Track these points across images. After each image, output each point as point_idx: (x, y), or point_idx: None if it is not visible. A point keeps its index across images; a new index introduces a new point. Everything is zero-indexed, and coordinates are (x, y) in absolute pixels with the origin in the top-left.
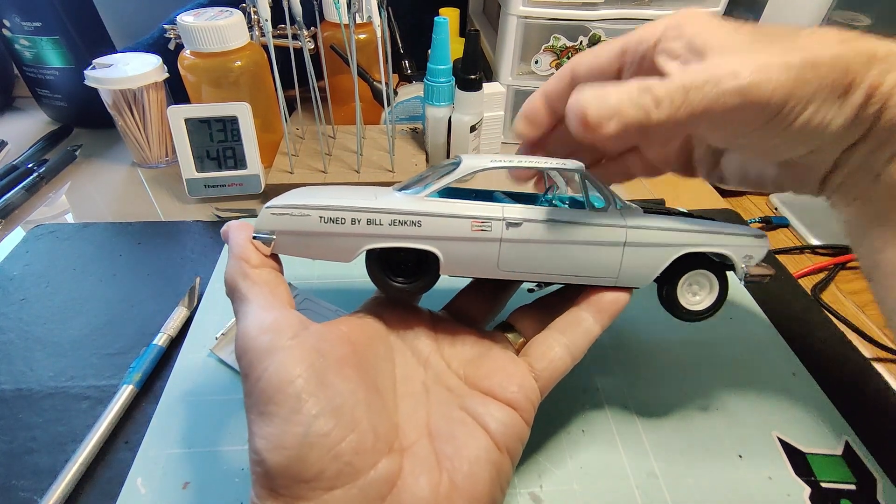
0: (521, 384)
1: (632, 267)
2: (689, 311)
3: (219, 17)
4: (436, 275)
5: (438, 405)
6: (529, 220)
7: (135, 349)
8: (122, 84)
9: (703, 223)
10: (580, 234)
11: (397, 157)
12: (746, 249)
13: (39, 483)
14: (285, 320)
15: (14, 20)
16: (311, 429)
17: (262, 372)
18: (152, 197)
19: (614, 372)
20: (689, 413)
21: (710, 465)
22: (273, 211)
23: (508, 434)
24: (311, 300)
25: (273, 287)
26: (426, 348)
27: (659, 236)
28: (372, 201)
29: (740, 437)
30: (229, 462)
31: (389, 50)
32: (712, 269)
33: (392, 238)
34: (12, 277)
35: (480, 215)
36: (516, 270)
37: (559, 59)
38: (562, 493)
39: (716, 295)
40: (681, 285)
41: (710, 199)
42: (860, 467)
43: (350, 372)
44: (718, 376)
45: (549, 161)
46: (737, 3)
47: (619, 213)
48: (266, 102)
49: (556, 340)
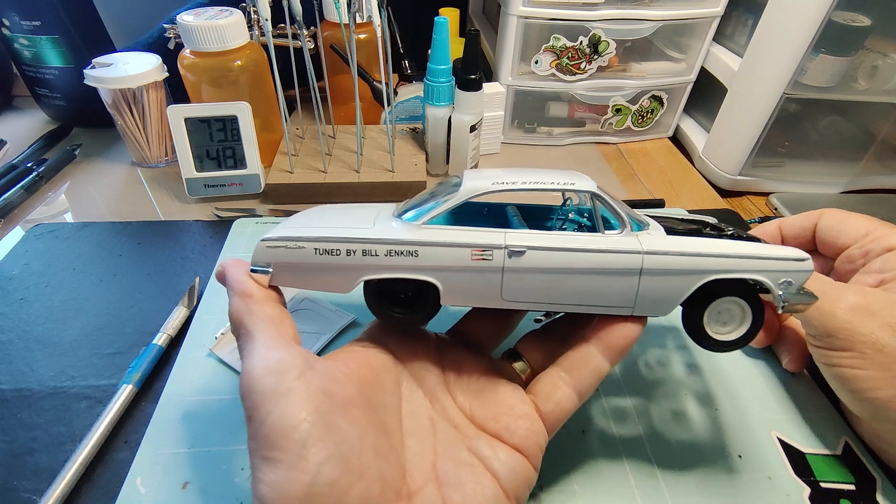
0: (529, 428)
1: (650, 296)
2: (717, 341)
3: (219, 16)
4: (436, 305)
5: (445, 445)
6: (534, 247)
7: (134, 349)
8: (122, 83)
9: (733, 245)
10: (590, 262)
11: (397, 157)
12: (784, 274)
13: (39, 483)
14: (291, 360)
15: (13, 19)
16: (317, 477)
17: (267, 415)
18: (152, 197)
19: (615, 372)
20: (689, 413)
21: (710, 465)
22: (268, 244)
23: (517, 481)
24: (311, 300)
25: (278, 323)
26: (433, 379)
27: (680, 262)
28: (368, 230)
29: (740, 437)
30: (229, 462)
31: (389, 50)
32: (745, 296)
33: (389, 269)
34: (11, 277)
35: (480, 243)
36: (522, 300)
37: (559, 59)
38: (562, 493)
39: (749, 324)
40: (708, 313)
41: (709, 199)
42: (859, 467)
43: (357, 413)
44: (718, 376)
45: (556, 180)
46: (737, 4)
47: (636, 236)
48: (266, 102)
49: (564, 380)
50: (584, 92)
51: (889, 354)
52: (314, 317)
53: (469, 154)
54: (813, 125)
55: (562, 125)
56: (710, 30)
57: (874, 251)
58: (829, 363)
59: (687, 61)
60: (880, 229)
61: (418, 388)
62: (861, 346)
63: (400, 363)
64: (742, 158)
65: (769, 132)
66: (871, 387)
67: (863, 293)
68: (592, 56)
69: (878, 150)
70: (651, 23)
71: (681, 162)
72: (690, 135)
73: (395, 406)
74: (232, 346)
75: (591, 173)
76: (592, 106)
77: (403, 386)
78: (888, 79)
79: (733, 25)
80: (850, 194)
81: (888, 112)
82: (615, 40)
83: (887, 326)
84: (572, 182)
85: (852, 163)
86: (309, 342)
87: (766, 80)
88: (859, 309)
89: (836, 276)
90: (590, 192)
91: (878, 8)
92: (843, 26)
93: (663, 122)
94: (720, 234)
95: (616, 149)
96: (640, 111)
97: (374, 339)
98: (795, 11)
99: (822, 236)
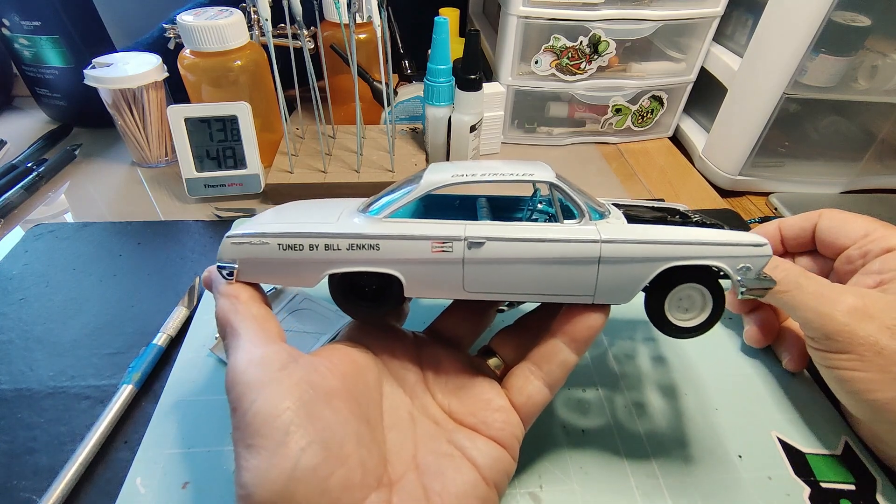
0: (505, 420)
1: (609, 284)
2: (678, 328)
3: (219, 16)
4: (400, 297)
5: (425, 438)
6: (493, 237)
7: (134, 349)
8: (122, 83)
9: (691, 231)
10: (548, 252)
11: (397, 157)
12: (743, 260)
13: (39, 483)
14: (275, 354)
15: (13, 19)
16: (298, 463)
17: (250, 404)
18: (152, 196)
19: (614, 372)
20: (689, 413)
21: (710, 465)
22: (233, 240)
23: (496, 469)
24: (310, 299)
25: (262, 322)
26: (412, 378)
27: (637, 250)
28: (331, 225)
29: (740, 437)
30: (229, 462)
31: (389, 50)
32: (705, 282)
33: (352, 263)
34: (11, 277)
35: (440, 235)
36: (484, 291)
37: (559, 59)
38: (562, 493)
39: (709, 310)
40: (669, 300)
41: (709, 199)
42: (859, 467)
43: (340, 404)
44: (718, 376)
45: (516, 171)
46: (737, 4)
47: (595, 224)
48: (266, 102)
49: (534, 374)
50: (584, 92)
51: (888, 356)
52: (314, 317)
53: (469, 154)
54: (813, 125)
55: (562, 125)
56: (710, 30)
57: (873, 252)
58: (827, 365)
59: (687, 61)
60: (879, 230)
61: (398, 386)
62: (860, 349)
63: (380, 362)
64: (742, 158)
65: (769, 132)
66: (869, 388)
67: (861, 295)
68: (592, 56)
69: (878, 150)
70: (651, 23)
71: (681, 162)
72: (690, 135)
73: (377, 400)
74: None
75: (591, 173)
76: (592, 106)
77: (384, 382)
78: (888, 79)
79: (733, 25)
80: (850, 194)
81: (888, 112)
82: (615, 40)
83: (885, 328)
84: (531, 172)
85: (852, 163)
86: (309, 342)
87: (766, 80)
88: (857, 311)
89: (835, 276)
90: (548, 181)
91: (878, 8)
92: (843, 26)
93: (663, 122)
94: (685, 222)
95: (616, 149)
96: (640, 111)
97: (353, 339)
98: (795, 11)
99: (822, 237)
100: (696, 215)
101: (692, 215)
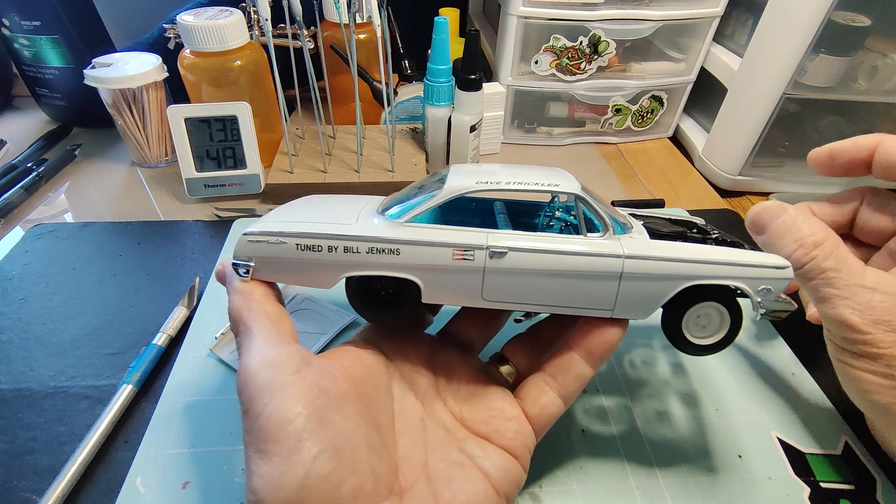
0: (518, 430)
1: (629, 299)
2: (694, 345)
3: (219, 16)
4: (417, 302)
5: (436, 445)
6: (515, 248)
7: (134, 349)
8: (122, 83)
9: (714, 251)
10: (571, 265)
11: (397, 157)
12: (764, 282)
13: (39, 483)
14: (288, 356)
15: (13, 19)
16: (311, 470)
17: (263, 408)
18: (152, 196)
19: (614, 372)
20: (689, 413)
21: (710, 465)
22: (250, 238)
23: (507, 479)
24: (311, 300)
25: (276, 321)
26: (424, 382)
27: (660, 267)
28: (351, 227)
29: (740, 437)
30: (229, 462)
31: (389, 50)
32: (724, 301)
33: (370, 266)
34: (11, 277)
35: (462, 243)
36: (502, 300)
37: (559, 59)
38: (562, 493)
39: (727, 329)
40: (687, 317)
41: (709, 199)
42: (859, 467)
43: (351, 409)
44: (718, 376)
45: (541, 180)
46: (737, 4)
47: (618, 239)
48: (266, 102)
49: (549, 385)
50: (584, 92)
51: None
52: (314, 317)
53: (469, 154)
54: (813, 125)
55: (562, 125)
56: (710, 30)
57: None
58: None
59: (687, 61)
60: None
61: (410, 390)
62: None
63: (392, 365)
64: (742, 158)
65: (769, 132)
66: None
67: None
68: (592, 56)
69: None
70: (651, 23)
71: (681, 162)
72: (690, 135)
73: (388, 405)
74: (232, 346)
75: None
76: (592, 106)
77: (395, 387)
78: (888, 79)
79: (733, 25)
80: None
81: (888, 112)
82: (615, 40)
83: None
84: (557, 183)
85: None
86: (309, 342)
87: (766, 80)
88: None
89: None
90: (573, 193)
91: (878, 8)
92: (843, 26)
93: (663, 122)
94: (705, 238)
95: (616, 149)
96: (640, 111)
97: (367, 340)
98: (795, 11)
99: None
100: (716, 231)
101: (711, 231)
